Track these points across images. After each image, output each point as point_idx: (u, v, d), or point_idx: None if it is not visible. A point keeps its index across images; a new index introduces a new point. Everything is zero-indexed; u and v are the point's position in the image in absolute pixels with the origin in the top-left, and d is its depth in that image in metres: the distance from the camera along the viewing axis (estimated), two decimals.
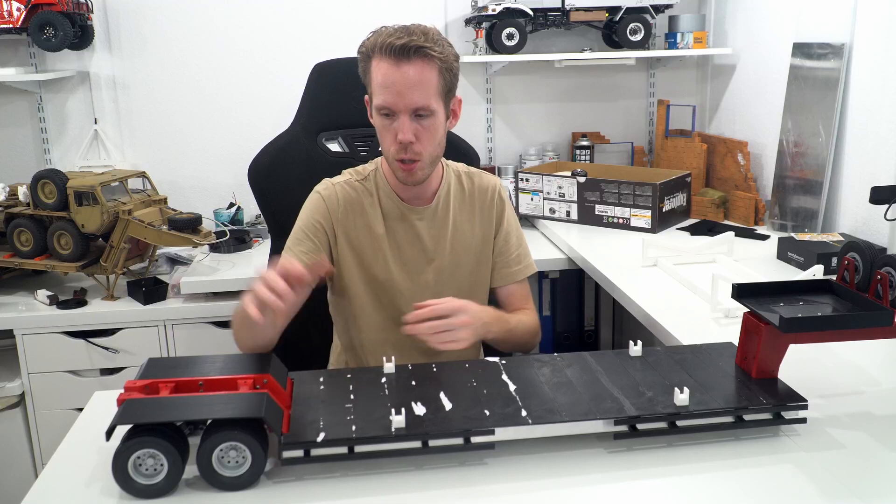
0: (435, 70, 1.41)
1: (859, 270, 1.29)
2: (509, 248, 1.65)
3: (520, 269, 1.66)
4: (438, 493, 1.04)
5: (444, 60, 1.41)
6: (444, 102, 1.45)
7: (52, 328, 2.16)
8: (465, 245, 1.60)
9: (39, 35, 2.46)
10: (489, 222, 1.62)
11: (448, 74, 1.43)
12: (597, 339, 2.76)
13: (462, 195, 1.61)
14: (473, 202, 1.62)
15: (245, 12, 2.75)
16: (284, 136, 1.91)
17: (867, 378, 1.36)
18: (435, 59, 1.40)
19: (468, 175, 1.64)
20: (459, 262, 1.59)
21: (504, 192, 1.67)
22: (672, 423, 1.12)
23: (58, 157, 2.76)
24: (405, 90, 1.39)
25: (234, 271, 2.29)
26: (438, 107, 1.43)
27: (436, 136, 1.46)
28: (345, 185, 1.57)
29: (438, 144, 1.48)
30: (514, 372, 1.25)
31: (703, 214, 2.62)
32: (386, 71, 1.39)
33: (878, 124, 2.06)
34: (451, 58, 1.44)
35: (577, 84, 3.01)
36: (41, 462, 2.24)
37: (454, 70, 1.45)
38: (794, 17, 2.41)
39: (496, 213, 1.63)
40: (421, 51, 1.38)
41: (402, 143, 1.42)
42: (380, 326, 1.59)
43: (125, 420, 1.02)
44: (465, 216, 1.61)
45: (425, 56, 1.39)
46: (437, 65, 1.40)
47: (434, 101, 1.42)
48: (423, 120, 1.43)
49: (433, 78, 1.41)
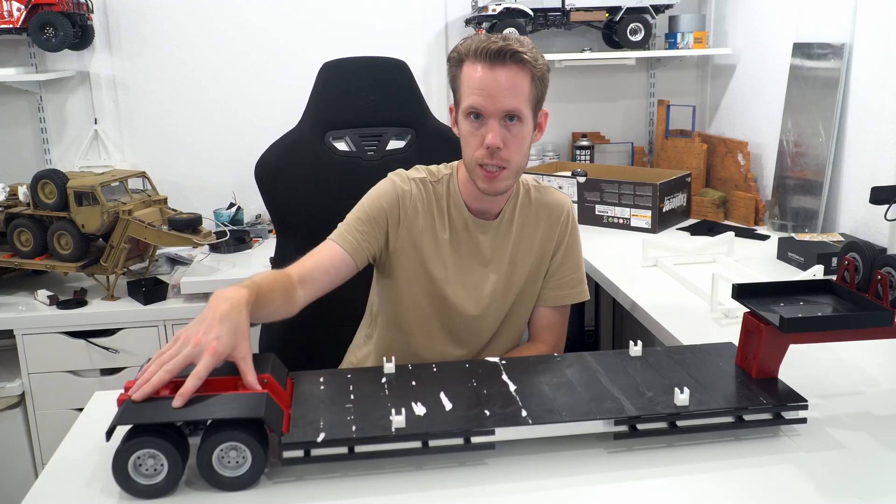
0: (528, 77, 1.38)
1: (859, 270, 1.29)
2: (562, 271, 1.59)
3: (566, 294, 1.60)
4: (438, 493, 1.04)
5: (538, 69, 1.39)
6: (532, 112, 1.42)
7: (52, 328, 2.16)
8: (523, 259, 1.56)
9: (39, 35, 2.46)
10: (550, 239, 1.57)
11: (539, 84, 1.41)
12: (597, 339, 2.76)
13: (528, 209, 1.56)
14: (539, 217, 1.57)
15: (245, 12, 2.75)
16: (291, 134, 1.91)
17: (867, 378, 1.36)
18: (529, 65, 1.38)
19: (538, 189, 1.59)
20: (515, 275, 1.55)
21: (573, 215, 1.61)
22: (672, 423, 1.12)
23: (58, 157, 2.76)
24: (497, 93, 1.37)
25: (235, 271, 2.29)
26: (528, 114, 1.40)
27: (523, 144, 1.42)
28: (419, 183, 1.53)
29: (525, 155, 1.45)
30: (514, 372, 1.25)
31: (703, 214, 2.62)
32: (479, 74, 1.38)
33: (878, 124, 2.06)
34: (543, 68, 1.41)
35: (577, 84, 3.01)
36: (41, 462, 2.24)
37: (546, 81, 1.43)
38: (794, 17, 2.41)
39: (559, 234, 1.58)
40: (516, 56, 1.36)
41: (489, 147, 1.38)
42: (426, 329, 1.56)
43: (125, 420, 1.02)
44: (529, 229, 1.56)
45: (520, 62, 1.37)
46: (530, 72, 1.38)
47: (525, 107, 1.39)
48: (512, 127, 1.39)
49: (526, 84, 1.38)
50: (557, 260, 1.58)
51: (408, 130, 1.91)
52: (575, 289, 1.61)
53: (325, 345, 1.78)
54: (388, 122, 1.90)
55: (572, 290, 1.60)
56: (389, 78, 1.91)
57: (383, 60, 1.94)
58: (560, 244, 1.58)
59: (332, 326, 1.78)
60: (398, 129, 1.91)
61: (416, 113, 1.92)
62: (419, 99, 1.93)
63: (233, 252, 2.47)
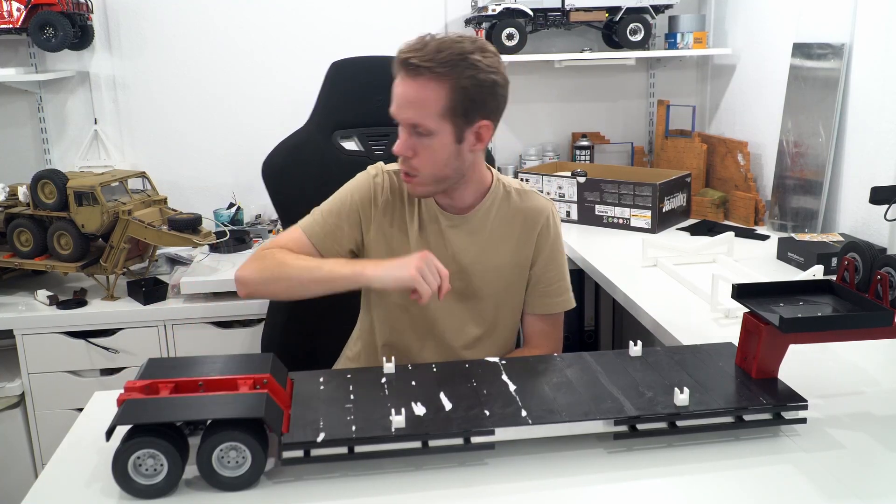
0: (444, 88, 1.34)
1: (859, 270, 1.29)
2: (545, 280, 1.57)
3: (550, 303, 1.58)
4: (438, 493, 1.04)
5: (463, 79, 1.34)
6: (451, 123, 1.37)
7: (52, 328, 2.16)
8: (493, 261, 1.53)
9: (39, 35, 2.46)
10: (526, 246, 1.54)
11: (461, 96, 1.35)
12: (597, 339, 2.76)
13: (506, 211, 1.54)
14: (515, 221, 1.54)
15: (245, 12, 2.75)
16: (299, 133, 1.91)
17: (867, 378, 1.36)
18: (444, 77, 1.34)
19: (519, 193, 1.55)
20: (487, 278, 1.54)
21: (555, 221, 1.57)
22: (672, 423, 1.12)
23: (58, 157, 2.76)
24: (401, 104, 1.38)
25: (234, 272, 2.28)
26: (440, 127, 1.37)
27: (435, 156, 1.40)
28: (394, 175, 1.54)
29: (444, 165, 1.41)
30: (514, 372, 1.25)
31: (703, 214, 2.62)
32: (396, 81, 1.39)
33: (878, 124, 2.06)
34: (473, 80, 1.35)
35: (577, 84, 3.01)
36: (41, 462, 2.24)
37: (483, 89, 1.36)
38: (794, 17, 2.41)
39: (537, 242, 1.54)
40: (420, 69, 1.34)
41: (396, 154, 1.42)
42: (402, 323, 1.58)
43: (125, 420, 1.02)
44: (503, 233, 1.53)
45: (429, 74, 1.34)
46: (449, 83, 1.34)
47: (432, 121, 1.36)
48: (421, 138, 1.39)
49: (436, 96, 1.34)
50: (539, 268, 1.56)
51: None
52: (559, 297, 1.59)
53: (328, 344, 1.79)
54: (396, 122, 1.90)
55: (556, 298, 1.59)
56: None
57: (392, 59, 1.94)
58: (540, 252, 1.56)
59: (335, 325, 1.78)
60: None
61: None
62: None
63: (233, 252, 2.47)
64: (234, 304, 2.24)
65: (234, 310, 2.24)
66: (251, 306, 2.24)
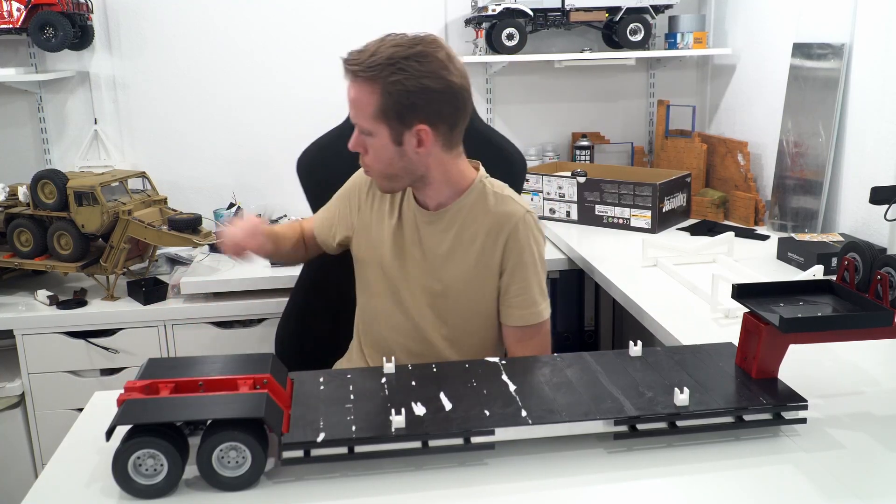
0: (376, 92, 1.37)
1: (859, 270, 1.29)
2: (512, 291, 1.53)
3: (516, 315, 1.53)
4: (438, 493, 1.04)
5: (390, 83, 1.36)
6: (388, 126, 1.40)
7: (52, 328, 2.16)
8: (462, 263, 1.53)
9: (39, 35, 2.46)
10: (492, 252, 1.51)
11: (391, 99, 1.37)
12: (597, 339, 2.76)
13: (478, 214, 1.52)
14: (483, 225, 1.51)
15: (245, 12, 2.75)
16: (335, 130, 1.92)
17: (867, 378, 1.36)
18: (375, 80, 1.36)
19: (496, 196, 1.52)
20: (454, 277, 1.54)
21: (525, 232, 1.51)
22: (672, 423, 1.12)
23: (58, 157, 2.76)
24: (349, 105, 1.45)
25: (234, 271, 2.29)
26: (376, 129, 1.41)
27: (379, 156, 1.44)
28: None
29: (388, 164, 1.45)
30: (514, 372, 1.25)
31: (703, 214, 2.62)
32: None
33: (878, 124, 2.06)
34: (400, 85, 1.36)
35: (577, 84, 3.01)
36: (41, 462, 2.24)
37: (401, 98, 1.37)
38: (794, 17, 2.41)
39: (503, 249, 1.51)
40: (355, 74, 1.39)
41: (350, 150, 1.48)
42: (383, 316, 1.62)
43: (125, 420, 1.02)
44: (470, 234, 1.52)
45: (361, 78, 1.38)
46: (379, 86, 1.37)
47: (368, 122, 1.40)
48: (367, 137, 1.44)
49: (369, 100, 1.38)
50: (506, 278, 1.52)
51: None
52: (526, 310, 1.53)
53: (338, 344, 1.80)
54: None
55: (524, 311, 1.53)
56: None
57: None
58: (507, 261, 1.51)
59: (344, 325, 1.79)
60: None
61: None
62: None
63: None
64: (234, 304, 2.24)
65: (234, 310, 2.24)
66: (251, 306, 2.24)
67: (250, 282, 2.25)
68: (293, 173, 1.89)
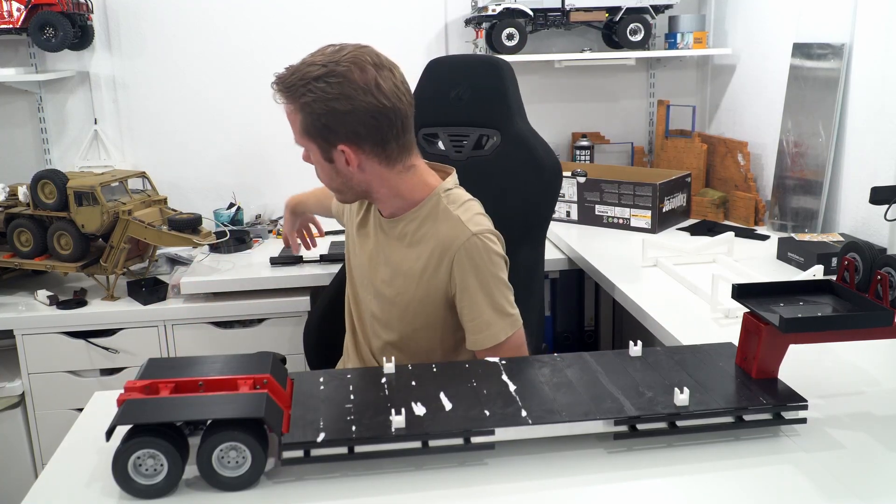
0: (295, 113, 1.38)
1: (859, 270, 1.29)
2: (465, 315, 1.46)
3: (471, 339, 1.47)
4: (438, 493, 1.04)
5: (305, 103, 1.35)
6: (316, 144, 1.40)
7: (52, 328, 2.16)
8: (405, 273, 1.49)
9: (39, 35, 2.46)
10: (439, 270, 1.44)
11: (309, 119, 1.36)
12: (597, 339, 2.76)
13: (428, 230, 1.46)
14: (430, 245, 1.45)
15: (245, 12, 2.75)
16: None
17: (867, 378, 1.36)
18: (292, 101, 1.38)
19: (445, 215, 1.45)
20: (401, 286, 1.49)
21: (468, 258, 1.41)
22: (672, 423, 1.12)
23: (58, 157, 2.76)
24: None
25: (234, 272, 2.29)
26: (309, 146, 1.41)
27: (319, 170, 1.45)
28: None
29: (329, 179, 1.45)
30: (514, 372, 1.25)
31: (703, 215, 2.62)
32: None
33: (878, 124, 2.06)
34: (309, 108, 1.35)
35: (577, 84, 3.01)
36: (41, 462, 2.24)
37: (313, 119, 1.36)
38: (794, 17, 2.41)
39: (453, 271, 1.43)
40: (276, 91, 1.40)
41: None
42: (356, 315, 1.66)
43: (125, 420, 1.02)
44: (418, 252, 1.46)
45: (282, 97, 1.39)
46: (296, 108, 1.38)
47: (301, 139, 1.41)
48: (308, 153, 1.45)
49: (294, 119, 1.39)
50: (458, 301, 1.46)
51: (494, 132, 1.85)
52: (479, 334, 1.44)
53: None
54: (475, 122, 1.87)
55: (477, 335, 1.45)
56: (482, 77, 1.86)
57: (483, 59, 1.94)
58: (452, 285, 1.45)
59: None
60: (485, 129, 1.86)
61: (502, 115, 1.84)
62: (507, 100, 1.83)
63: (233, 252, 2.47)
64: (234, 304, 2.24)
65: (234, 310, 2.24)
66: (251, 306, 2.24)
67: (250, 282, 2.25)
68: (293, 173, 1.90)
